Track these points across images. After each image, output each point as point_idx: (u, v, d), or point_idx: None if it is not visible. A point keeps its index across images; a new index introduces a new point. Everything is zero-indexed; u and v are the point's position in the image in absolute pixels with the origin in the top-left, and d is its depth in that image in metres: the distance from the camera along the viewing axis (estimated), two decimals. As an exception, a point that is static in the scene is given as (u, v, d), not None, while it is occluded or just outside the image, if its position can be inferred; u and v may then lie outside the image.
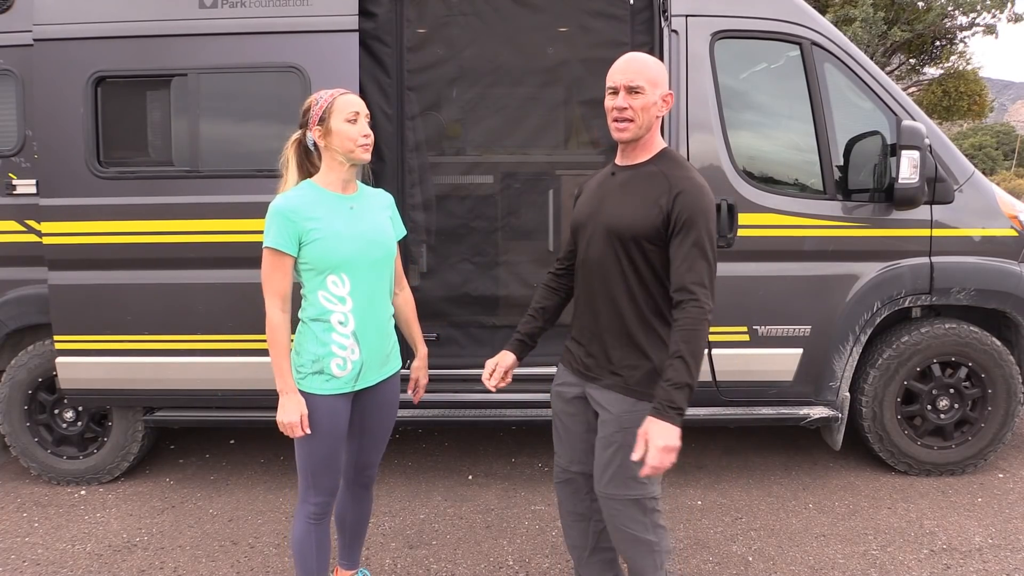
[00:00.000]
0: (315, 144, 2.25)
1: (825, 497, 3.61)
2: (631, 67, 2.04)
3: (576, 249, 2.24)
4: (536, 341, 2.38)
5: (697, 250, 1.93)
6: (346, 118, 2.18)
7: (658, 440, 1.83)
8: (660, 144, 2.12)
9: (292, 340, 2.26)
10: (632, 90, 2.02)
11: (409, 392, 2.54)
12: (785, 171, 3.68)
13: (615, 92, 2.05)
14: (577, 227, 2.20)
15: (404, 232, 2.48)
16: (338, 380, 2.25)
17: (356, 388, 2.31)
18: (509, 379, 2.34)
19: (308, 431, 2.21)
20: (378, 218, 2.32)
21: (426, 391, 3.61)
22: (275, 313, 2.20)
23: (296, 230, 2.16)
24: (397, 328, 2.51)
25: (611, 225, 2.05)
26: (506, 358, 2.33)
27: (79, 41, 3.40)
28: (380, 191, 2.45)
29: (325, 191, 2.25)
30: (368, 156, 2.25)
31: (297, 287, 2.28)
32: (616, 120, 2.05)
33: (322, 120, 2.20)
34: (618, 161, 2.17)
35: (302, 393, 2.23)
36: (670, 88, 3.32)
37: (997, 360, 3.68)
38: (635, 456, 1.86)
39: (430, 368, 3.75)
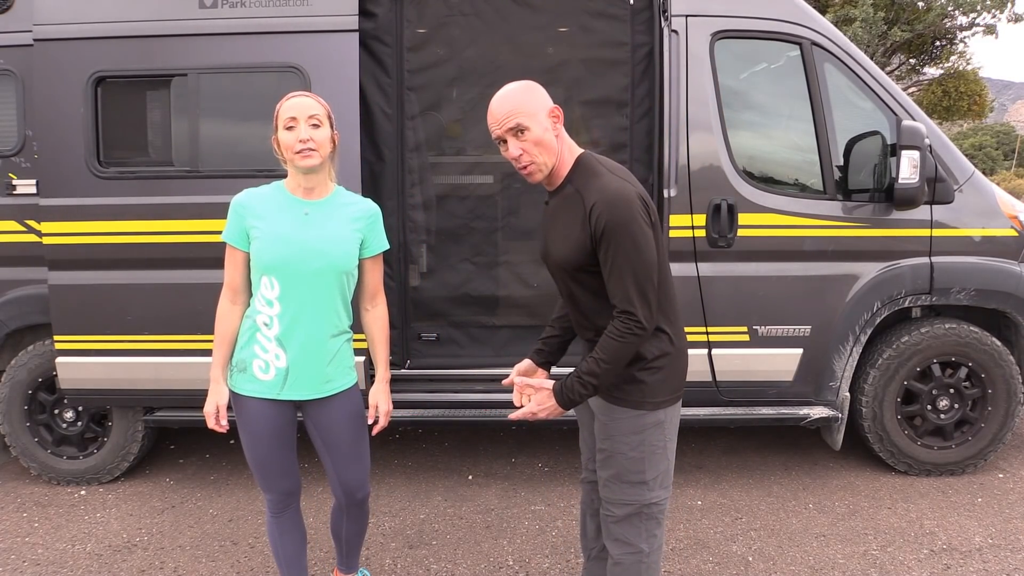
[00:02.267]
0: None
1: (825, 497, 3.61)
2: (502, 109, 1.92)
3: None
4: (553, 347, 2.30)
5: (620, 262, 1.84)
6: (284, 125, 2.15)
7: (536, 406, 1.99)
8: (574, 154, 2.01)
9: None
10: (515, 131, 1.91)
11: (370, 419, 2.37)
12: (785, 171, 3.68)
13: (503, 142, 1.95)
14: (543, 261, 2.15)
15: (384, 247, 2.36)
16: (261, 383, 2.21)
17: (284, 398, 2.22)
18: (529, 387, 2.08)
19: (222, 425, 2.24)
20: (335, 229, 2.21)
21: (426, 391, 3.66)
22: (223, 302, 2.28)
23: (244, 226, 2.21)
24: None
25: (556, 261, 2.00)
26: (521, 364, 2.26)
27: (79, 41, 3.40)
28: (362, 202, 2.32)
29: (287, 193, 2.24)
30: (308, 163, 2.13)
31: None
32: (521, 169, 1.96)
33: (276, 128, 2.19)
34: (547, 186, 2.09)
35: (231, 392, 2.25)
36: (668, 89, 3.37)
37: (997, 360, 3.68)
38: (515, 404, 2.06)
39: (431, 368, 3.74)
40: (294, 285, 2.17)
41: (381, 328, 2.40)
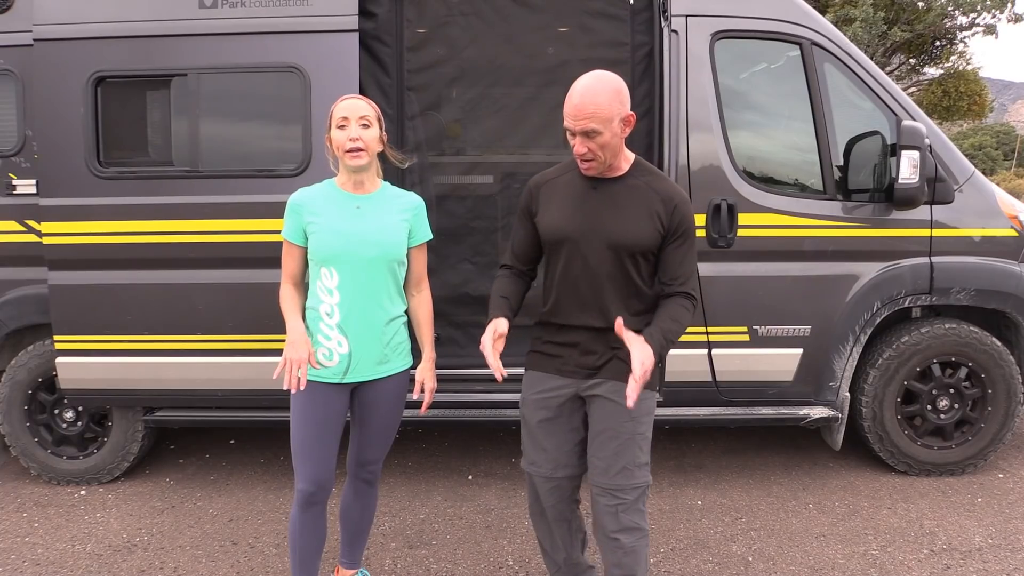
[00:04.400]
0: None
1: (825, 497, 3.61)
2: (583, 111, 1.99)
3: (547, 253, 2.25)
4: (516, 308, 2.33)
5: (692, 253, 2.15)
6: (336, 124, 2.30)
7: (648, 359, 1.95)
8: (630, 154, 2.19)
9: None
10: (587, 133, 2.01)
11: (415, 395, 2.53)
12: (785, 171, 3.68)
13: (573, 134, 2.04)
14: (563, 240, 2.17)
15: (428, 237, 2.52)
16: (326, 369, 2.34)
17: (347, 381, 2.36)
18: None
19: (299, 384, 2.16)
20: (386, 220, 2.36)
21: (426, 391, 3.65)
22: (285, 287, 2.39)
23: (301, 222, 2.34)
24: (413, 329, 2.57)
25: (614, 240, 2.11)
26: (502, 324, 2.22)
27: (79, 41, 3.40)
28: (408, 195, 2.48)
29: (339, 189, 2.38)
30: (357, 161, 2.28)
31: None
32: (580, 160, 2.09)
33: (329, 128, 2.33)
34: (591, 173, 2.16)
35: None
36: (668, 89, 3.37)
37: (997, 360, 3.68)
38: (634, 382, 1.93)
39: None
40: (352, 274, 2.31)
41: (426, 311, 2.59)
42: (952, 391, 3.74)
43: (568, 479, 2.28)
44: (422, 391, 2.52)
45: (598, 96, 1.99)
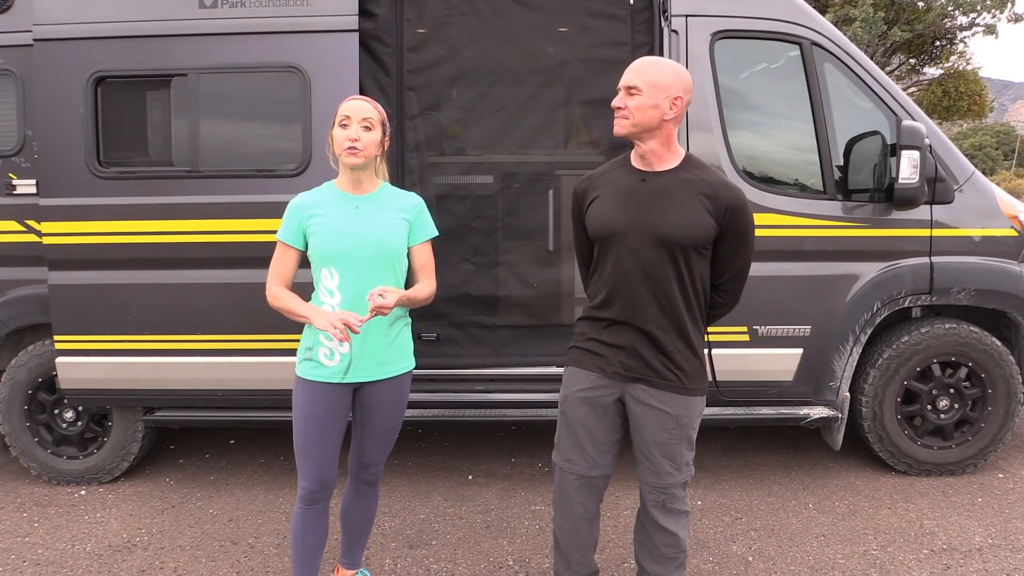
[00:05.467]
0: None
1: (825, 497, 3.61)
2: (634, 69, 2.13)
3: (597, 249, 2.24)
4: None
5: (747, 260, 2.25)
6: (340, 122, 2.31)
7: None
8: (682, 150, 2.20)
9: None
10: (629, 90, 2.11)
11: (367, 298, 2.25)
12: (785, 171, 3.68)
13: (619, 91, 2.15)
14: (613, 234, 2.16)
15: (432, 234, 2.49)
16: (327, 368, 2.33)
17: (348, 380, 2.35)
18: None
19: (360, 319, 2.17)
20: (385, 218, 2.36)
21: (426, 391, 3.66)
22: (275, 287, 2.35)
23: (301, 225, 2.34)
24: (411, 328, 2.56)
25: (665, 234, 2.09)
26: None
27: (79, 41, 3.40)
28: (407, 194, 2.48)
29: (338, 191, 2.39)
30: (353, 160, 2.29)
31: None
32: (616, 114, 2.15)
33: (333, 124, 2.33)
34: (641, 166, 2.19)
35: (297, 377, 2.37)
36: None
37: (997, 360, 3.68)
38: None
39: (430, 368, 3.74)
40: (352, 273, 2.31)
41: (427, 282, 2.46)
42: (952, 391, 3.74)
43: (601, 478, 2.30)
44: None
45: (657, 65, 2.11)
